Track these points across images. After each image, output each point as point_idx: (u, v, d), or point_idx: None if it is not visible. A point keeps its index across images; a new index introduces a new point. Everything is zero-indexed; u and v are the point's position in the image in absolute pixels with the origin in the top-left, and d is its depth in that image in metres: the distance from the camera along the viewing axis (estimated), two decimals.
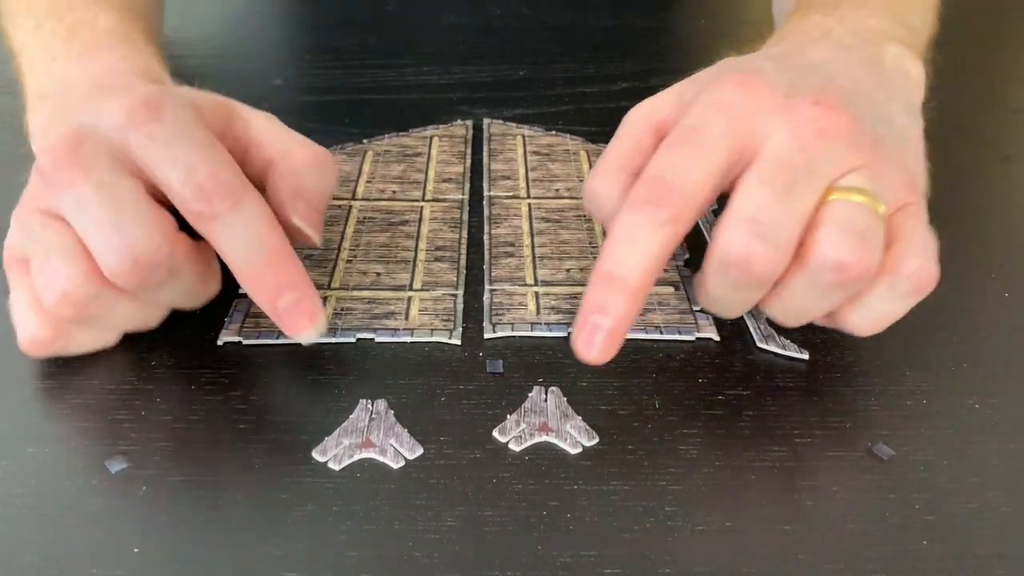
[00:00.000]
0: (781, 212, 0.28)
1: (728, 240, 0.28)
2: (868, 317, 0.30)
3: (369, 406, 0.30)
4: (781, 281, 0.29)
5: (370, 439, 0.29)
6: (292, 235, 0.32)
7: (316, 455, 0.29)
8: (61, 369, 0.32)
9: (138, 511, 0.27)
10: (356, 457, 0.28)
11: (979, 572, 0.25)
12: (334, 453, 0.29)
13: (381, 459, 0.28)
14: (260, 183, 0.33)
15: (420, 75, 0.53)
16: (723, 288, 0.30)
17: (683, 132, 0.29)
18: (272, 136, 0.33)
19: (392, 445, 0.29)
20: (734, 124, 0.29)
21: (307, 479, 0.28)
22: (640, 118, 0.33)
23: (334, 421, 0.30)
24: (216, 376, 0.31)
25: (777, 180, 0.28)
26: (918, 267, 0.29)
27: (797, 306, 0.30)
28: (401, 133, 0.46)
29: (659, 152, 0.29)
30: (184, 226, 0.30)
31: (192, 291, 0.32)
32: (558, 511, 0.27)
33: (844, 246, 0.27)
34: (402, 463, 0.28)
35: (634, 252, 0.28)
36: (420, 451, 0.29)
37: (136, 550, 0.26)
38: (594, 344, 0.28)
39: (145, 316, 0.32)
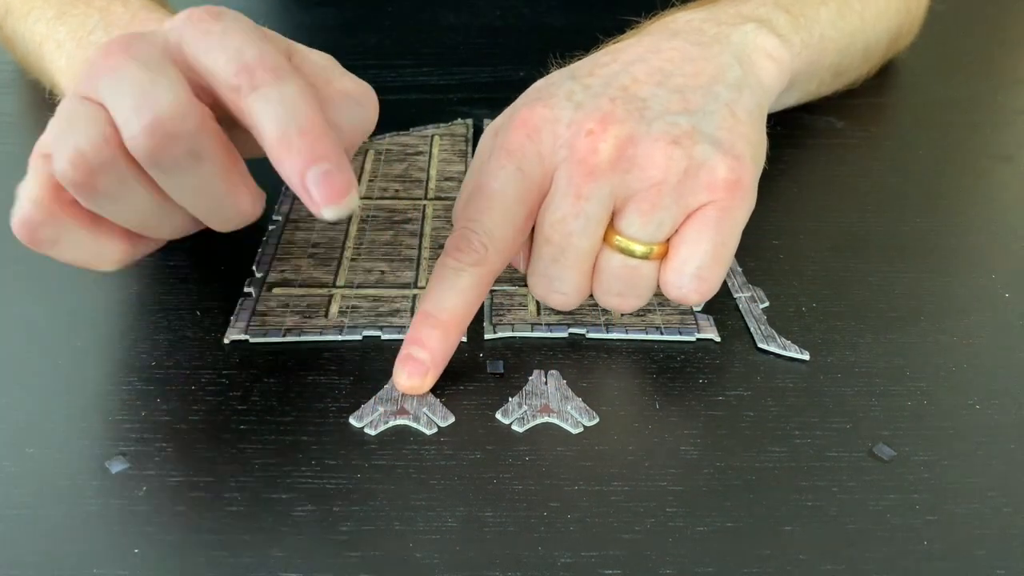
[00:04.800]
0: (561, 268, 0.32)
1: (532, 287, 0.33)
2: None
3: None
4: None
5: (404, 407, 0.30)
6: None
7: (353, 421, 0.30)
8: (62, 368, 0.32)
9: (138, 511, 0.27)
10: (391, 423, 0.30)
11: (979, 572, 0.25)
12: (370, 419, 0.30)
13: (415, 426, 0.29)
14: None
15: (420, 76, 0.53)
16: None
17: (478, 180, 0.32)
18: (317, 67, 0.31)
19: (425, 413, 0.30)
20: (519, 169, 0.31)
21: (307, 479, 0.28)
22: (486, 137, 0.34)
23: (334, 421, 0.30)
24: (216, 376, 0.31)
25: (553, 241, 0.31)
26: (680, 295, 0.31)
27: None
28: (402, 132, 0.46)
29: (463, 202, 0.32)
30: None
31: (216, 191, 0.28)
32: (559, 511, 0.27)
33: (610, 301, 0.32)
34: (435, 430, 0.29)
35: (446, 293, 0.31)
36: (452, 419, 0.30)
37: (136, 550, 0.25)
38: (412, 374, 0.31)
39: (155, 213, 0.29)
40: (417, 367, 0.30)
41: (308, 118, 0.27)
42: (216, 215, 0.29)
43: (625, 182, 0.30)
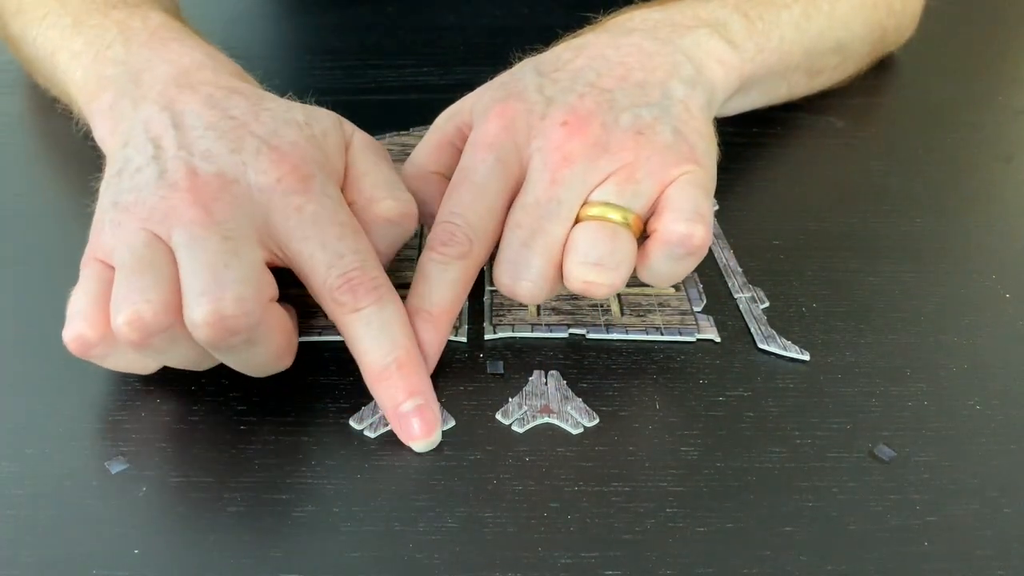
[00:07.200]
0: (530, 254, 0.31)
1: (498, 277, 0.32)
2: (655, 278, 0.33)
3: None
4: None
5: None
6: None
7: (353, 423, 0.30)
8: (61, 370, 0.32)
9: (138, 511, 0.27)
10: (390, 426, 0.29)
11: (979, 573, 0.25)
12: (370, 421, 0.30)
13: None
14: None
15: (420, 75, 0.53)
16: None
17: (459, 175, 0.33)
18: (366, 180, 0.33)
19: None
20: (499, 159, 0.32)
21: (307, 479, 0.28)
22: (445, 120, 0.36)
23: (334, 421, 0.30)
24: (216, 376, 0.31)
25: (524, 225, 0.31)
26: (684, 232, 0.31)
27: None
28: (402, 132, 0.46)
29: (445, 196, 0.33)
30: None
31: (263, 364, 0.30)
32: (559, 512, 0.27)
33: (586, 275, 0.30)
34: None
35: (435, 288, 0.31)
36: (452, 423, 0.30)
37: (136, 551, 0.26)
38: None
39: (199, 362, 0.30)
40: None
41: (405, 349, 0.29)
42: (255, 373, 0.31)
43: (598, 167, 0.31)
